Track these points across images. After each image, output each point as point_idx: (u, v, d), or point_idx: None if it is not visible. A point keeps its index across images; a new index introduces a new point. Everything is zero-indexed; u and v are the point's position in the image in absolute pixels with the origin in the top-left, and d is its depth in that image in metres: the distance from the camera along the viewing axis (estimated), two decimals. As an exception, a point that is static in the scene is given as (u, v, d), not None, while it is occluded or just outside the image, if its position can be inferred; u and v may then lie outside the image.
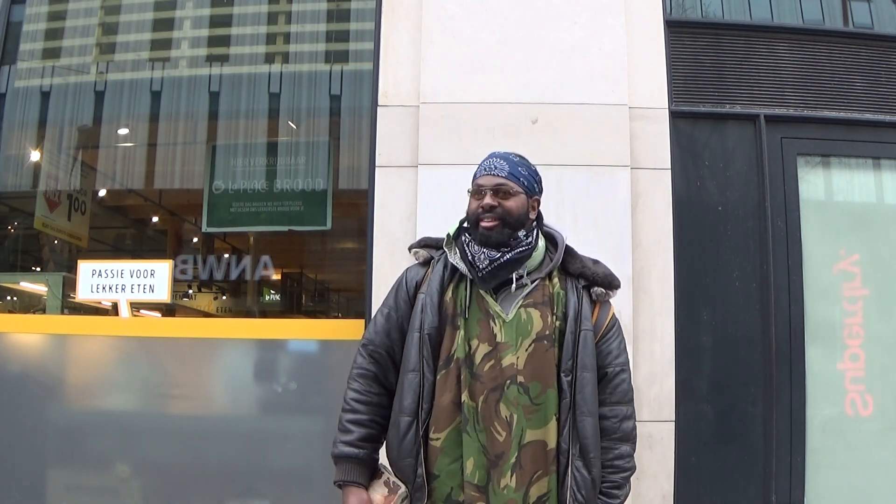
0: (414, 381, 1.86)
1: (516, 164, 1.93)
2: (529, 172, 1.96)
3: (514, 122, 3.36)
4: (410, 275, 2.01)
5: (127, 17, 4.32)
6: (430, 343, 1.86)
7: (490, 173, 1.91)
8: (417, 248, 2.06)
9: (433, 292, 1.90)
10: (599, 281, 1.96)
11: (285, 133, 4.15)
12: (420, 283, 1.97)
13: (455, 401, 1.83)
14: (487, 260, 1.85)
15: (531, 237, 1.91)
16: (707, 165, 3.58)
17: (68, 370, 3.76)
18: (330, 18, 4.24)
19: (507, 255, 1.85)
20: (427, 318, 1.88)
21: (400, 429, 1.86)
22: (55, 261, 4.65)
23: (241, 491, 3.53)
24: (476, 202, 1.90)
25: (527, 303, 1.88)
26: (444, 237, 2.00)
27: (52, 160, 4.33)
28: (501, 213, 1.87)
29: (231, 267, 4.14)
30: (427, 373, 1.85)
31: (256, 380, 3.70)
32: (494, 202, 1.87)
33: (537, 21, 3.47)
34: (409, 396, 1.86)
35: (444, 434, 1.83)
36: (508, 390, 1.81)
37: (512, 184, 1.90)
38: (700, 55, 3.65)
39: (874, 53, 3.70)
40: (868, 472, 3.45)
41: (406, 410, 1.85)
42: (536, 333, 1.85)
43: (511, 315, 1.86)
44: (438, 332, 1.88)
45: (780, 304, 3.44)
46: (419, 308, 1.90)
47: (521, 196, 1.90)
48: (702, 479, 3.37)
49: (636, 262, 3.30)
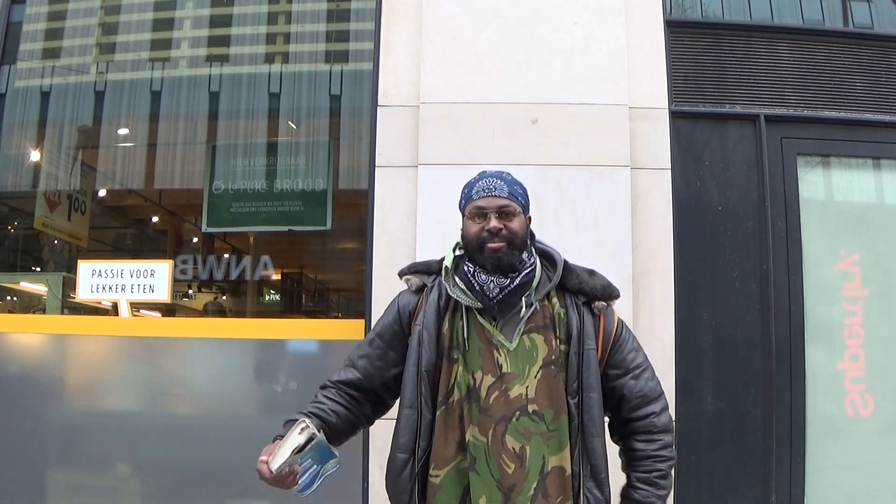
0: (411, 419, 1.81)
1: (513, 184, 1.86)
2: (523, 190, 1.89)
3: (514, 122, 3.37)
4: (402, 303, 1.93)
5: (127, 17, 4.32)
6: (428, 380, 1.81)
7: (491, 194, 1.82)
8: (409, 275, 1.95)
9: (430, 325, 1.83)
10: (598, 294, 1.87)
11: (285, 133, 4.15)
12: (413, 312, 1.89)
13: (457, 440, 1.78)
14: (497, 288, 1.78)
15: (532, 257, 1.85)
16: (707, 165, 3.58)
17: (68, 370, 3.76)
18: (330, 18, 4.25)
19: (517, 279, 1.79)
20: (425, 354, 1.81)
21: (396, 465, 1.82)
22: (55, 261, 4.65)
23: (241, 491, 3.53)
24: (477, 225, 1.81)
25: (528, 328, 1.81)
26: (434, 262, 1.93)
27: (52, 160, 4.33)
28: (508, 236, 1.79)
29: (231, 267, 4.14)
30: (425, 411, 1.80)
31: (256, 380, 3.70)
32: (500, 224, 1.79)
33: (537, 21, 3.47)
34: (405, 434, 1.82)
35: (444, 472, 1.78)
36: (518, 421, 1.75)
37: (514, 204, 1.83)
38: (700, 55, 3.65)
39: (874, 53, 3.70)
40: (868, 472, 3.45)
41: (402, 448, 1.82)
42: (543, 359, 1.79)
43: (515, 343, 1.80)
44: (436, 367, 1.82)
45: (780, 304, 3.44)
46: (416, 342, 1.84)
47: (521, 216, 1.84)
48: (702, 479, 3.37)
49: (636, 262, 3.30)
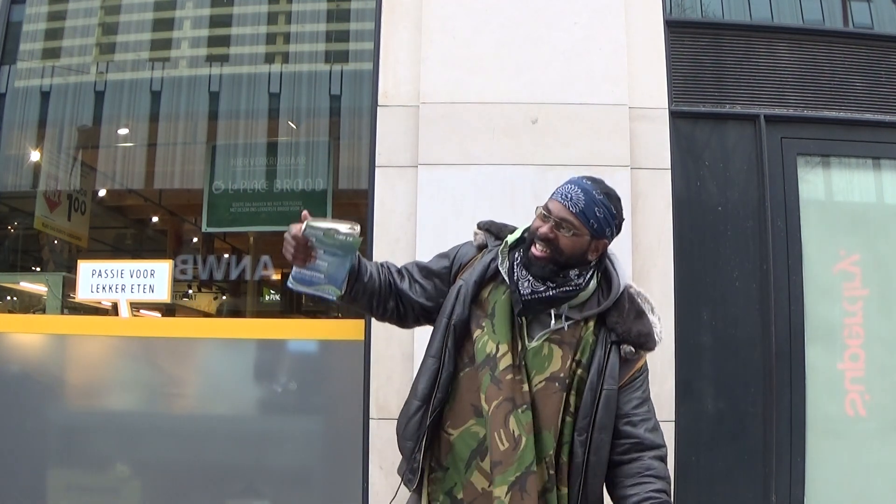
0: (432, 368, 1.83)
1: (594, 203, 1.78)
2: (606, 215, 1.79)
3: (514, 122, 3.37)
4: (462, 251, 1.96)
5: (127, 17, 4.32)
6: (454, 334, 1.82)
7: (563, 202, 1.78)
8: (481, 230, 1.97)
9: (471, 283, 1.84)
10: (632, 341, 1.81)
11: (285, 133, 4.15)
12: (465, 265, 1.92)
13: (475, 403, 1.78)
14: (530, 289, 1.77)
15: (583, 278, 1.81)
16: (707, 165, 3.58)
17: (68, 370, 3.76)
18: (330, 18, 4.25)
19: (551, 291, 1.77)
20: (458, 309, 1.82)
21: (410, 410, 1.85)
22: (55, 261, 4.65)
23: (241, 491, 3.53)
24: (538, 224, 1.81)
25: (554, 337, 1.79)
26: (509, 228, 1.94)
27: (52, 160, 4.33)
28: (553, 249, 1.77)
29: (231, 267, 4.14)
30: (447, 363, 1.81)
31: (256, 380, 3.70)
32: (552, 235, 1.77)
33: (537, 21, 3.47)
34: (423, 381, 1.83)
35: (459, 432, 1.80)
36: (523, 413, 1.74)
37: (578, 223, 1.76)
38: (700, 55, 3.65)
39: (874, 53, 3.70)
40: (868, 472, 3.45)
41: (418, 395, 1.83)
42: (551, 373, 1.77)
43: (534, 343, 1.79)
44: (465, 325, 1.82)
45: (780, 304, 3.44)
46: (454, 295, 1.85)
47: (583, 238, 1.78)
48: (702, 479, 3.37)
49: (636, 262, 3.30)
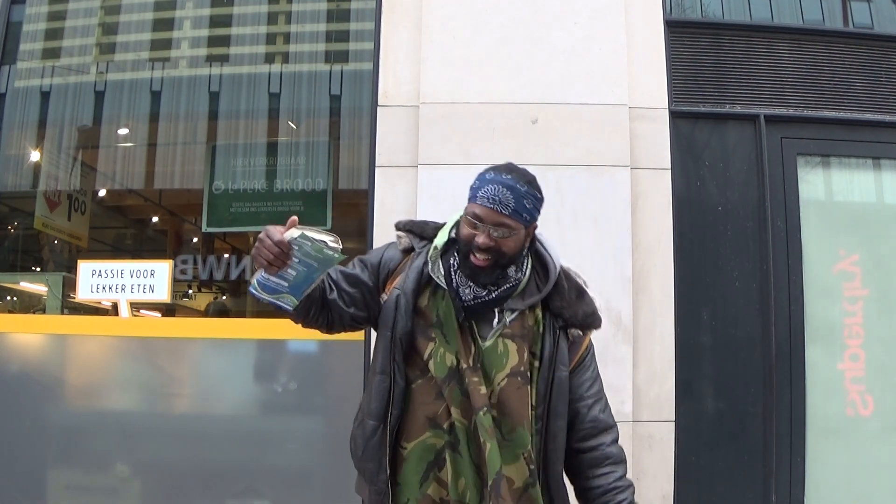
0: (383, 386, 1.75)
1: (522, 197, 1.71)
2: (534, 202, 1.75)
3: (514, 122, 3.37)
4: (388, 256, 1.85)
5: (127, 17, 4.32)
6: (401, 348, 1.75)
7: (492, 207, 1.69)
8: (403, 232, 1.88)
9: (409, 293, 1.76)
10: (577, 324, 1.80)
11: (285, 133, 4.15)
12: (394, 271, 1.82)
13: (428, 415, 1.73)
14: (472, 295, 1.73)
15: (521, 271, 1.77)
16: (707, 165, 3.58)
17: (68, 370, 3.76)
18: (330, 18, 4.25)
19: (494, 293, 1.74)
20: (401, 321, 1.75)
21: (366, 430, 1.77)
22: (55, 261, 4.65)
23: (241, 491, 3.53)
24: (469, 232, 1.71)
25: (506, 332, 1.76)
26: (430, 227, 1.86)
27: (52, 160, 4.33)
28: (496, 255, 1.70)
29: (231, 267, 4.14)
30: (398, 378, 1.74)
31: (256, 380, 3.70)
32: (491, 242, 1.69)
33: (537, 21, 3.47)
34: (377, 400, 1.76)
35: (412, 445, 1.74)
36: (483, 416, 1.70)
37: (514, 223, 1.70)
38: (700, 55, 3.65)
39: (874, 53, 3.70)
40: (868, 472, 3.45)
41: (373, 414, 1.76)
42: (511, 368, 1.73)
43: (489, 342, 1.75)
44: (409, 337, 1.76)
45: (780, 304, 3.44)
46: (392, 306, 1.76)
47: (520, 233, 1.72)
48: (702, 479, 3.37)
49: (636, 262, 3.30)
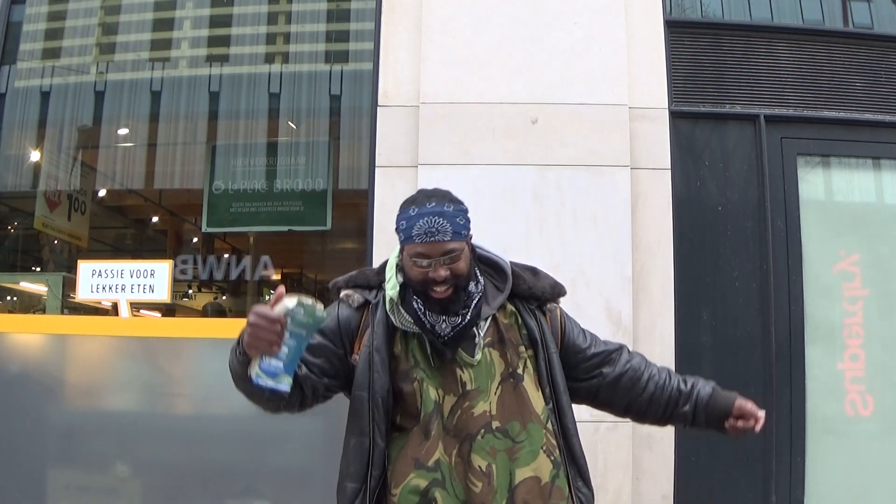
0: (362, 447, 1.71)
1: (454, 216, 1.68)
2: (465, 217, 1.72)
3: (514, 122, 3.37)
4: (344, 316, 1.78)
5: (127, 17, 4.33)
6: (381, 406, 1.70)
7: (433, 239, 1.65)
8: (347, 290, 1.81)
9: (382, 349, 1.71)
10: (548, 297, 1.82)
11: (285, 133, 4.15)
12: (357, 330, 1.77)
13: (416, 456, 1.69)
14: (450, 327, 1.70)
15: (479, 283, 1.76)
16: (707, 165, 3.58)
17: (68, 370, 3.76)
18: (330, 18, 4.25)
19: (468, 314, 1.71)
20: (378, 379, 1.70)
21: (347, 494, 1.72)
22: (55, 261, 4.65)
23: (241, 491, 3.53)
24: (420, 271, 1.67)
25: (487, 342, 1.75)
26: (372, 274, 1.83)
27: (52, 160, 4.33)
28: (454, 281, 1.67)
29: (231, 267, 4.14)
30: (378, 439, 1.70)
31: (256, 380, 3.69)
32: (447, 272, 1.66)
33: (537, 21, 3.47)
34: (356, 462, 1.72)
35: (400, 489, 1.70)
36: (483, 439, 1.68)
37: (459, 244, 1.68)
38: (700, 55, 3.65)
39: (874, 53, 3.70)
40: (868, 472, 3.45)
41: (353, 477, 1.72)
42: (501, 375, 1.73)
43: (478, 357, 1.73)
44: (389, 393, 1.71)
45: (780, 304, 3.44)
46: (365, 365, 1.72)
47: (466, 250, 1.71)
48: (702, 479, 3.37)
49: (636, 262, 3.30)
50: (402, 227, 1.71)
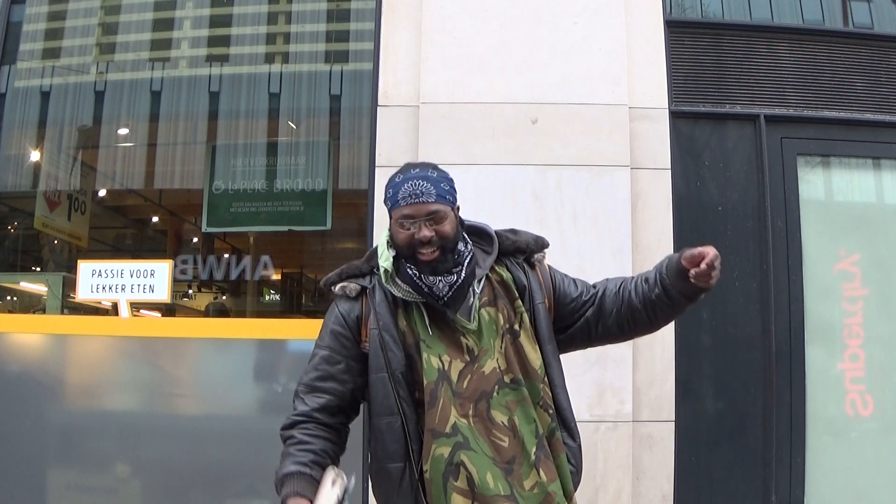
0: (395, 425, 1.73)
1: (439, 181, 1.76)
2: (450, 184, 1.79)
3: (514, 122, 3.37)
4: (344, 310, 1.82)
5: (127, 17, 4.33)
6: (402, 381, 1.74)
7: (417, 201, 1.72)
8: (340, 282, 1.85)
9: (389, 327, 1.76)
10: (533, 248, 1.89)
11: (285, 133, 4.16)
12: (361, 317, 1.81)
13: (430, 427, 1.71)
14: (447, 286, 1.74)
15: (468, 244, 1.81)
16: (707, 165, 3.58)
17: (68, 370, 3.76)
18: (330, 18, 4.25)
19: (462, 272, 1.76)
20: (394, 357, 1.74)
21: (392, 476, 1.74)
22: (55, 261, 4.66)
23: (241, 491, 3.53)
24: (406, 233, 1.73)
25: (482, 303, 1.79)
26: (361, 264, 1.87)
27: (52, 160, 4.33)
28: (440, 242, 1.73)
29: (231, 267, 4.14)
30: (408, 412, 1.73)
31: (256, 380, 3.70)
32: (431, 232, 1.72)
33: (537, 21, 3.47)
34: (393, 442, 1.73)
35: (428, 466, 1.72)
36: (500, 395, 1.73)
37: (443, 207, 1.74)
38: (700, 55, 3.65)
39: (874, 53, 3.70)
40: (868, 472, 3.45)
41: (393, 456, 1.73)
42: (504, 329, 1.78)
43: (475, 322, 1.77)
44: (407, 367, 1.75)
45: (780, 304, 3.44)
46: (377, 346, 1.76)
47: (451, 214, 1.76)
48: (702, 479, 3.37)
49: (636, 262, 3.30)
50: (388, 195, 1.78)
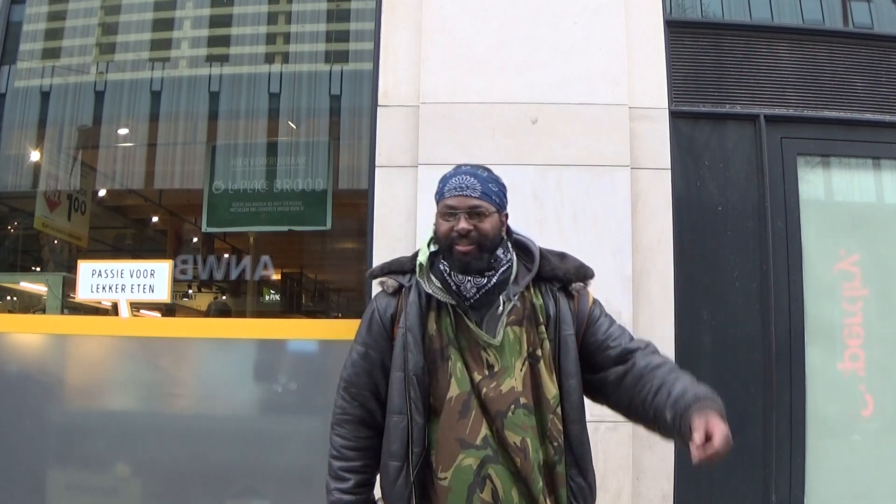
0: (401, 425, 1.76)
1: (487, 181, 1.80)
2: (500, 188, 1.83)
3: (514, 122, 3.36)
4: (381, 306, 1.86)
5: (127, 17, 4.32)
6: (417, 384, 1.75)
7: (462, 193, 1.77)
8: (381, 276, 1.89)
9: (414, 327, 1.78)
10: (572, 277, 1.85)
11: (285, 133, 4.15)
12: (395, 315, 1.83)
13: (459, 437, 1.73)
14: (475, 288, 1.76)
15: (509, 254, 1.82)
16: (707, 165, 3.58)
17: (68, 370, 3.76)
18: (330, 18, 4.25)
19: (494, 278, 1.77)
20: (412, 358, 1.76)
21: (389, 473, 1.78)
22: (55, 261, 4.65)
23: (241, 491, 3.53)
24: (447, 224, 1.77)
25: (510, 321, 1.79)
26: (406, 260, 1.89)
27: (52, 160, 4.33)
28: (477, 238, 1.75)
29: (231, 267, 4.14)
30: (416, 416, 1.75)
31: (256, 380, 3.70)
32: (470, 226, 1.74)
33: (537, 21, 3.47)
34: (396, 441, 1.77)
35: (450, 473, 1.73)
36: (514, 415, 1.73)
37: (486, 204, 1.77)
38: (700, 55, 3.65)
39: (874, 53, 3.70)
40: (868, 471, 3.45)
41: (395, 455, 1.77)
42: (528, 352, 1.77)
43: (500, 337, 1.77)
44: (424, 370, 1.77)
45: (780, 304, 3.44)
46: (401, 346, 1.78)
47: (494, 216, 1.79)
48: (702, 479, 3.37)
49: (636, 262, 3.30)
50: (439, 187, 1.83)
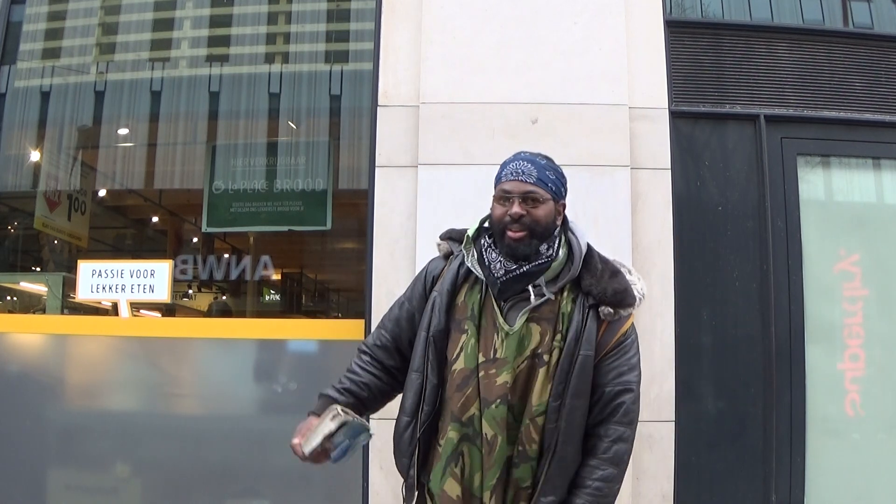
0: (416, 383, 1.82)
1: (544, 168, 1.82)
2: (557, 176, 1.85)
3: (514, 122, 3.37)
4: (431, 266, 1.96)
5: (127, 17, 4.32)
6: (435, 346, 1.81)
7: (517, 178, 1.80)
8: (442, 241, 1.97)
9: (444, 292, 1.84)
10: (608, 300, 1.78)
11: (285, 133, 4.15)
12: (437, 277, 1.91)
13: (453, 409, 1.78)
14: (503, 270, 1.77)
15: (552, 248, 1.80)
16: (707, 165, 3.58)
17: (68, 370, 3.76)
18: (330, 18, 4.25)
19: (524, 267, 1.77)
20: (434, 320, 1.82)
21: (399, 427, 1.84)
22: (55, 261, 4.65)
23: (241, 491, 3.53)
24: (502, 209, 1.80)
25: (533, 316, 1.78)
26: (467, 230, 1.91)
27: (52, 160, 4.33)
28: (529, 223, 1.77)
29: (231, 267, 4.14)
30: (431, 376, 1.80)
31: (256, 380, 3.70)
32: (523, 211, 1.77)
33: (537, 21, 3.47)
34: (410, 397, 1.83)
35: (443, 441, 1.80)
36: (497, 409, 1.74)
37: (541, 191, 1.79)
38: (700, 55, 3.65)
39: (874, 53, 3.70)
40: (868, 472, 3.45)
41: (406, 411, 1.83)
42: (531, 350, 1.76)
43: (516, 327, 1.77)
44: (444, 334, 1.82)
45: (780, 304, 3.44)
46: (430, 306, 1.85)
47: (549, 203, 1.80)
48: (702, 479, 3.37)
49: (636, 262, 3.30)
50: (498, 173, 1.87)
